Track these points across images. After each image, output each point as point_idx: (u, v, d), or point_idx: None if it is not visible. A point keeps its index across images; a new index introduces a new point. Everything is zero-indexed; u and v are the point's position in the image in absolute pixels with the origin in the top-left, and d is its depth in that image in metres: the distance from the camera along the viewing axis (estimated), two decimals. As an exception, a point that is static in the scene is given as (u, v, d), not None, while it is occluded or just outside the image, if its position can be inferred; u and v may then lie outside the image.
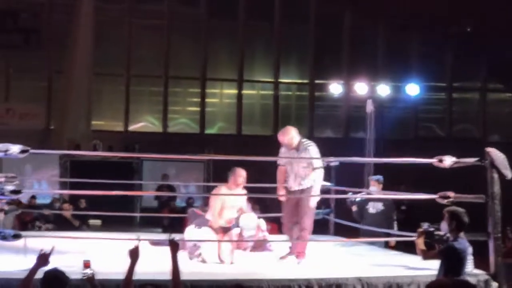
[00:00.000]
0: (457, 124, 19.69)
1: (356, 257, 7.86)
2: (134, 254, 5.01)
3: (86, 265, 4.89)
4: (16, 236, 6.12)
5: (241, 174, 7.76)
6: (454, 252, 5.96)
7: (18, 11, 17.02)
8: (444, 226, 6.12)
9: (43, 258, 4.91)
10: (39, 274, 4.82)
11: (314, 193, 7.56)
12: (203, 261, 7.30)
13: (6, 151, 5.79)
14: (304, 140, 7.67)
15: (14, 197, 6.19)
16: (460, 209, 6.12)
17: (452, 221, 6.04)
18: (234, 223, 7.67)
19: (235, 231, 7.66)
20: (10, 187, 5.87)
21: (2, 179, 6.75)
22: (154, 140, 16.82)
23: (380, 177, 9.46)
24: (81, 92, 16.82)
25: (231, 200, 7.74)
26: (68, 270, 4.86)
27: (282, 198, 7.77)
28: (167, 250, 8.02)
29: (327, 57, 18.80)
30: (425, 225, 6.25)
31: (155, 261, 7.26)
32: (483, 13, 16.76)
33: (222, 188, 7.88)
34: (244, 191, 7.89)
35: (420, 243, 6.21)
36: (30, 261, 5.23)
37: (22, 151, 5.82)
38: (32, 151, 5.98)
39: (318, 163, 7.60)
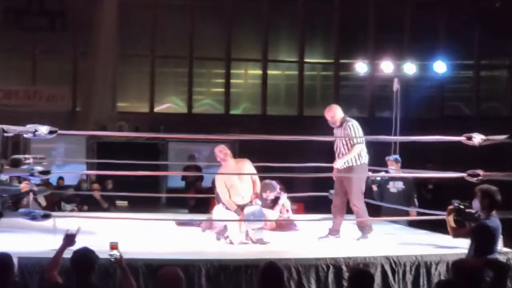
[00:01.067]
0: (485, 102, 19.44)
1: (382, 236, 7.83)
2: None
3: (113, 247, 4.92)
4: (46, 216, 6.20)
5: (220, 149, 7.67)
6: (487, 231, 5.90)
7: (44, -6, 17.14)
8: (476, 204, 6.08)
9: (69, 239, 4.97)
10: (68, 253, 4.88)
11: (339, 163, 7.57)
12: (231, 242, 7.28)
13: (35, 131, 5.85)
14: (347, 118, 7.75)
15: (44, 177, 6.26)
16: (493, 187, 6.07)
17: (485, 199, 5.99)
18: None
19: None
20: (39, 168, 5.93)
21: (31, 161, 6.84)
22: (179, 121, 16.85)
23: (396, 156, 9.42)
24: (107, 73, 16.89)
25: (232, 178, 7.58)
26: (96, 249, 4.91)
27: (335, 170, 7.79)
28: (191, 230, 8.13)
29: (352, 36, 18.62)
30: (455, 203, 6.21)
31: (177, 242, 7.34)
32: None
33: (221, 171, 7.75)
34: (244, 161, 7.78)
35: (451, 220, 6.16)
36: (59, 241, 5.30)
37: (51, 132, 5.87)
38: (60, 132, 6.03)
39: (358, 139, 7.63)
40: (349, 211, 7.87)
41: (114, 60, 17.01)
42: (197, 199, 12.38)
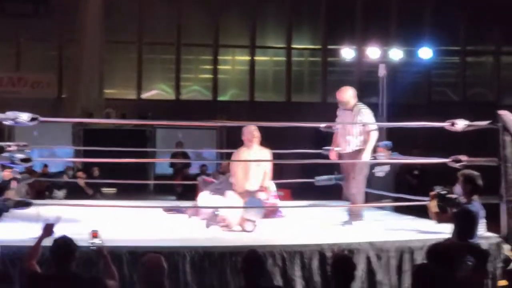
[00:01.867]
0: (471, 88, 19.48)
1: (368, 221, 7.84)
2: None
3: (94, 235, 4.89)
4: (27, 204, 6.16)
5: (250, 129, 7.67)
6: (468, 215, 5.94)
7: (27, -20, 16.99)
8: (458, 189, 6.11)
9: (47, 229, 4.95)
10: (49, 242, 4.85)
11: (365, 155, 7.56)
12: (228, 225, 7.20)
13: (15, 119, 5.78)
14: (359, 103, 7.74)
15: (25, 165, 6.20)
16: (475, 172, 6.10)
17: (467, 184, 6.03)
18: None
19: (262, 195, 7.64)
20: (20, 155, 5.88)
21: (14, 148, 6.78)
22: (167, 108, 16.81)
23: (388, 143, 9.44)
24: (93, 60, 16.79)
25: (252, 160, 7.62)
26: (78, 238, 4.89)
27: (333, 159, 7.79)
28: (178, 217, 8.11)
29: (339, 22, 18.60)
30: (437, 188, 6.24)
31: (162, 229, 7.31)
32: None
33: (242, 150, 7.76)
34: (266, 151, 7.77)
35: (433, 206, 6.20)
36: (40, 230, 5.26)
37: (32, 119, 5.81)
38: (41, 119, 5.97)
39: (373, 125, 7.65)
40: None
41: (100, 46, 16.90)
42: (184, 185, 12.36)
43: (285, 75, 18.63)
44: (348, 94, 7.75)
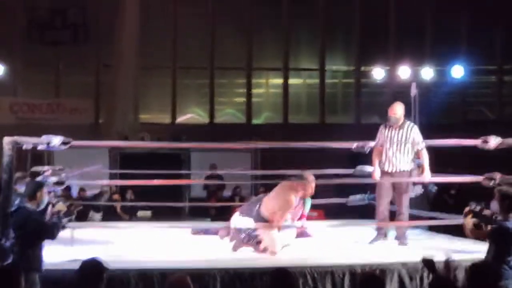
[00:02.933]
0: (508, 106, 19.23)
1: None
2: None
3: None
4: (63, 228, 6.22)
5: (313, 184, 7.31)
6: (506, 232, 5.82)
7: (66, 8, 17.33)
8: (494, 205, 6.01)
9: None
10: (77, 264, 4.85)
11: (426, 173, 7.55)
12: (265, 249, 7.09)
13: (48, 143, 5.90)
14: (407, 120, 7.73)
15: (58, 188, 6.32)
16: None
17: (504, 201, 5.92)
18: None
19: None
20: (54, 178, 5.98)
21: (49, 172, 6.90)
22: (201, 131, 16.91)
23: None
24: (128, 85, 17.02)
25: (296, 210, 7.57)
26: (110, 259, 4.93)
27: (377, 178, 7.66)
28: (208, 238, 8.13)
29: (372, 43, 18.55)
30: (472, 205, 6.17)
31: (192, 250, 7.33)
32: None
33: (293, 197, 7.28)
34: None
35: (469, 222, 6.11)
36: (76, 252, 5.33)
37: (63, 143, 5.92)
38: (73, 142, 6.08)
39: (424, 144, 7.61)
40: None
41: (136, 71, 17.14)
42: (218, 208, 12.39)
43: (319, 96, 18.63)
44: (401, 110, 7.72)
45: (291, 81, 18.65)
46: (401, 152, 7.60)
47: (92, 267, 4.59)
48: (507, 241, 5.84)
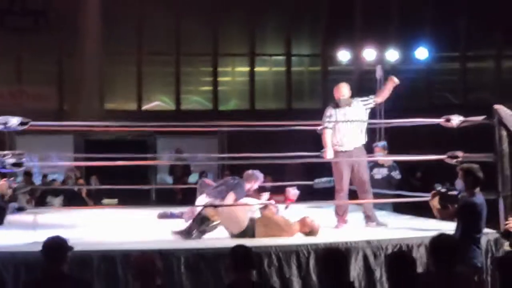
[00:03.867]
0: (472, 92, 19.42)
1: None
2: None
3: None
4: (20, 209, 6.16)
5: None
6: (473, 208, 5.88)
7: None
8: (459, 183, 6.06)
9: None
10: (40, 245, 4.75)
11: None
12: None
13: (5, 123, 5.79)
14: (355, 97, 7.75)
15: (16, 169, 6.19)
16: (474, 165, 6.06)
17: (467, 178, 5.98)
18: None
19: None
20: (11, 160, 5.86)
21: (9, 156, 6.77)
22: (168, 118, 16.74)
23: (384, 143, 9.42)
24: (93, 72, 16.82)
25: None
26: (76, 241, 4.85)
27: (329, 158, 7.67)
28: (174, 222, 8.07)
29: (338, 27, 18.55)
30: (438, 186, 6.22)
31: (157, 233, 7.26)
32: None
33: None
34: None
35: (435, 204, 6.17)
36: (38, 236, 5.23)
37: (22, 123, 5.80)
38: (32, 122, 5.97)
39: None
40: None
41: (100, 58, 16.93)
42: (185, 193, 12.33)
43: (285, 83, 18.62)
44: (347, 90, 7.73)
45: (258, 69, 18.60)
46: (354, 129, 7.61)
47: (55, 245, 4.52)
48: (475, 216, 5.91)
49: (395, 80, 7.55)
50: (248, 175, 8.16)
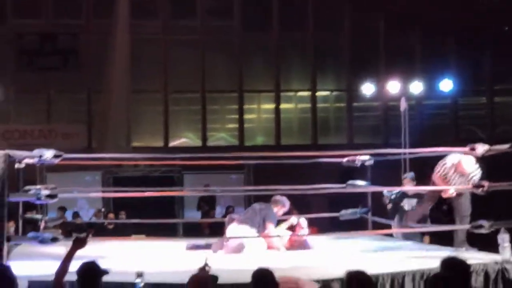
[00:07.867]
0: (499, 126, 19.36)
1: (390, 251, 7.82)
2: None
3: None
4: (54, 240, 6.26)
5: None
6: None
7: (56, 34, 17.47)
8: None
9: (79, 242, 4.89)
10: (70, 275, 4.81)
11: None
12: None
13: (40, 156, 5.96)
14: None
15: (50, 201, 6.33)
16: None
17: None
18: None
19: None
20: (45, 192, 6.02)
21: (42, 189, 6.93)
22: (194, 154, 16.91)
23: (411, 173, 9.42)
24: (120, 110, 17.09)
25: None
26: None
27: None
28: (202, 253, 8.12)
29: (362, 64, 18.70)
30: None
31: (185, 264, 7.30)
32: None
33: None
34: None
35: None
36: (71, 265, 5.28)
37: (55, 156, 5.97)
38: (65, 155, 6.13)
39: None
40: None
41: (127, 97, 17.22)
42: (212, 227, 12.40)
43: (311, 119, 18.72)
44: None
45: (283, 105, 18.76)
46: None
47: (89, 269, 4.59)
48: None
49: None
50: (276, 200, 8.32)
